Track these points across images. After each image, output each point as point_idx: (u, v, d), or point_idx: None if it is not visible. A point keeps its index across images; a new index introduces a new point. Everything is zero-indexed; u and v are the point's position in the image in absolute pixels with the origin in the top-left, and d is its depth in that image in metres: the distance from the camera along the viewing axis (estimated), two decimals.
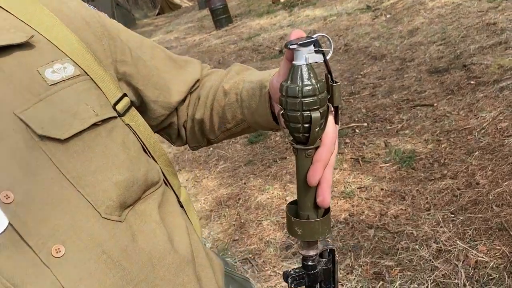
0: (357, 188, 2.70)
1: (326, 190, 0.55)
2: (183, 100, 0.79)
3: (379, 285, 2.02)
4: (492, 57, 3.78)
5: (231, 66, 0.81)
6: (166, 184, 0.71)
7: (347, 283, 2.08)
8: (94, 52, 0.63)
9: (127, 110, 0.64)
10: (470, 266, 1.93)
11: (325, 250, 0.63)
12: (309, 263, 0.62)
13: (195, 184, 3.45)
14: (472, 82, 3.50)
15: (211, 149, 3.95)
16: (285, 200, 2.83)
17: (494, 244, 1.99)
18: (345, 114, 3.74)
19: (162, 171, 0.69)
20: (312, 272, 0.62)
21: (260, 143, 3.77)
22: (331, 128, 0.55)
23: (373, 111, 3.63)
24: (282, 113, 0.54)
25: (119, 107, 0.63)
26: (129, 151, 0.59)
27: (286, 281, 0.62)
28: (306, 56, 0.51)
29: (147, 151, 0.67)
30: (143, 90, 0.71)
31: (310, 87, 0.51)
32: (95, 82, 0.61)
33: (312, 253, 0.61)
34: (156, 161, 0.68)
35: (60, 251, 0.51)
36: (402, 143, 3.03)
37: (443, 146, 2.84)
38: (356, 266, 2.15)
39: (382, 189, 2.63)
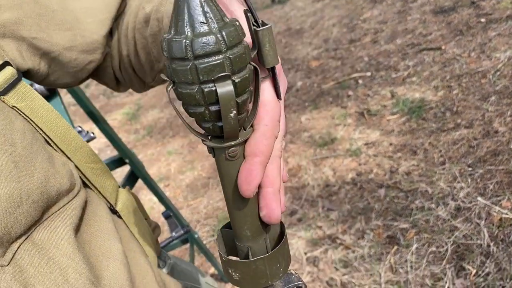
0: (364, 145, 2.50)
1: (272, 197, 0.35)
2: (111, 33, 0.55)
3: (393, 250, 1.86)
4: None
5: None
6: (92, 189, 0.49)
7: (358, 249, 1.92)
8: None
9: (12, 85, 0.41)
10: (493, 225, 1.76)
11: None
12: None
13: (191, 150, 3.25)
14: (482, 20, 3.22)
15: None
16: (286, 161, 2.64)
17: None
18: (346, 64, 3.48)
19: (81, 172, 0.47)
20: None
21: None
22: (268, 98, 0.34)
23: (376, 58, 3.37)
24: (173, 88, 0.31)
25: None
26: (13, 149, 0.37)
27: None
28: None
29: (52, 144, 0.45)
30: (44, 39, 0.47)
31: (207, 38, 0.28)
32: None
33: None
34: (69, 158, 0.46)
35: None
36: (410, 91, 2.80)
37: (454, 92, 2.61)
38: (367, 230, 1.98)
39: (391, 144, 2.42)
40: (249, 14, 0.32)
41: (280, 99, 0.35)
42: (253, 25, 0.32)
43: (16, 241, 0.36)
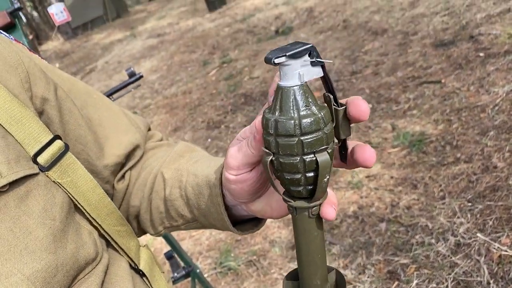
0: (365, 177, 2.53)
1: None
2: (122, 177, 0.61)
3: (394, 286, 1.87)
4: (501, 26, 3.55)
5: (176, 143, 0.64)
6: (116, 250, 0.54)
7: (359, 284, 1.92)
8: (5, 83, 0.45)
9: (57, 160, 0.46)
10: (493, 261, 1.77)
11: None
12: None
13: None
14: (481, 54, 3.29)
15: (209, 140, 3.78)
16: None
17: None
18: (348, 95, 3.54)
19: (109, 235, 0.52)
20: None
21: None
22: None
23: (377, 91, 3.43)
24: (272, 160, 0.38)
25: (44, 157, 0.45)
26: (53, 223, 0.42)
27: None
28: (300, 72, 0.35)
29: (85, 211, 0.49)
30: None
31: (312, 119, 0.35)
32: (2, 127, 0.43)
33: None
34: (98, 224, 0.50)
35: None
36: (411, 124, 2.84)
37: (454, 126, 2.65)
38: (368, 265, 2.00)
39: (392, 177, 2.46)
40: (331, 96, 0.38)
41: (347, 165, 0.42)
42: (334, 105, 0.38)
43: None
